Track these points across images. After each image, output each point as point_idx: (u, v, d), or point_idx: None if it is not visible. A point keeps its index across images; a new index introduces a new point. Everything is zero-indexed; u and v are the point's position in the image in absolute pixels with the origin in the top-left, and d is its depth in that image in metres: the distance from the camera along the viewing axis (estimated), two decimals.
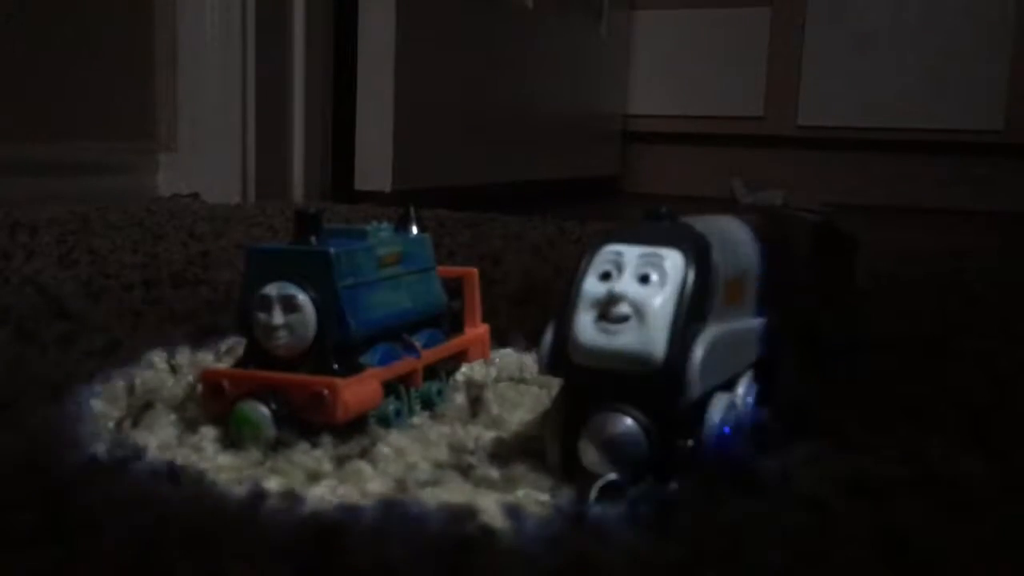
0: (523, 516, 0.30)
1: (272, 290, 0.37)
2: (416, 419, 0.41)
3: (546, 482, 0.33)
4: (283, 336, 0.37)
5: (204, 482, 0.32)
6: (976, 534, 0.29)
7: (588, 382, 0.33)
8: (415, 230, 0.44)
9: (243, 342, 0.38)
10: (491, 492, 0.32)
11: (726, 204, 2.23)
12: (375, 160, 1.60)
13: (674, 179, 2.61)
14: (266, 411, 0.36)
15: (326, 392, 0.35)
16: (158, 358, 0.47)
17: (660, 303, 0.32)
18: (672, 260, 0.33)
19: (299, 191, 1.58)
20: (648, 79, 2.60)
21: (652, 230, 0.34)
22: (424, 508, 0.30)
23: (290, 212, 1.25)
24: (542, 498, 0.32)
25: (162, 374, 0.45)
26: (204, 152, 1.47)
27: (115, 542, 0.27)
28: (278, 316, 0.36)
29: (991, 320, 0.69)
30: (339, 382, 0.36)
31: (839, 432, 0.39)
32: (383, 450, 0.36)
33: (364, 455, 0.35)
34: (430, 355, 0.42)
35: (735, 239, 0.38)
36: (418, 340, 0.41)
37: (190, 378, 0.44)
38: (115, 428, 0.38)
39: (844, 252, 0.55)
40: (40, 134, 1.30)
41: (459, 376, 0.46)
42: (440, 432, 0.39)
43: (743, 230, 0.39)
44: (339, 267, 0.37)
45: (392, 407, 0.39)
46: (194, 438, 0.36)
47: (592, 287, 0.33)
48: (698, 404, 0.32)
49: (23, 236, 0.93)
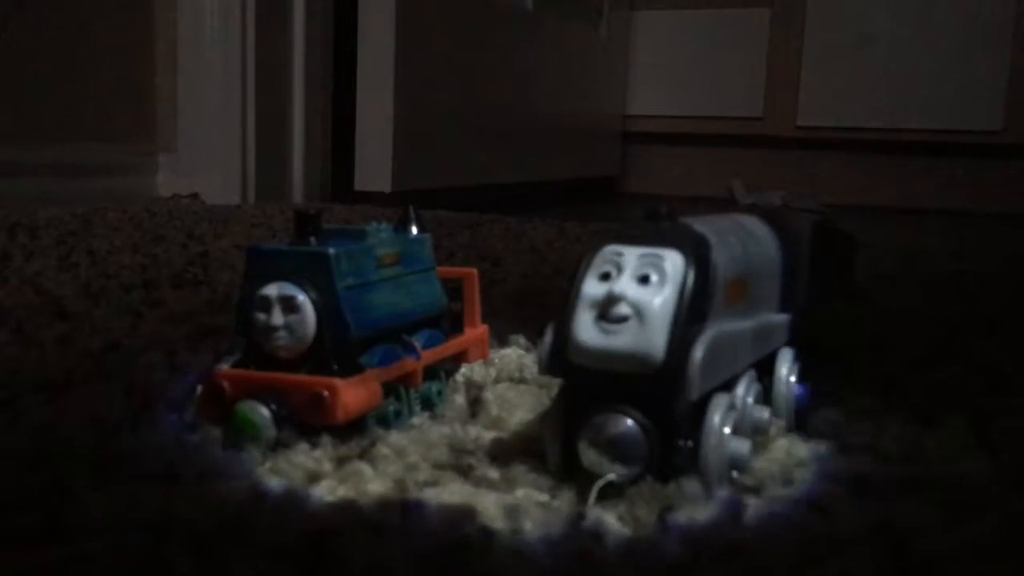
0: (523, 517, 0.30)
1: (272, 291, 0.37)
2: (416, 420, 0.41)
3: (546, 483, 0.33)
4: (283, 337, 0.37)
5: (204, 482, 0.32)
6: (976, 534, 0.29)
7: (588, 383, 0.33)
8: (415, 231, 0.44)
9: (242, 343, 0.38)
10: (491, 493, 0.32)
11: (725, 204, 2.23)
12: (375, 161, 1.60)
13: (673, 180, 2.61)
14: (266, 412, 0.35)
15: (326, 393, 0.35)
16: (158, 359, 0.47)
17: (660, 304, 0.32)
18: (672, 260, 0.33)
19: (299, 192, 1.58)
20: (648, 80, 2.60)
21: (652, 230, 0.34)
22: (424, 509, 0.30)
23: (290, 213, 1.25)
24: (542, 499, 0.32)
25: (162, 375, 0.45)
26: (204, 153, 1.48)
27: (115, 542, 0.27)
28: (278, 317, 0.36)
29: (991, 320, 0.69)
30: (339, 383, 0.36)
31: (839, 432, 0.39)
32: (383, 451, 0.36)
33: (364, 456, 0.35)
34: (430, 356, 0.42)
35: (739, 239, 0.38)
36: (418, 341, 0.41)
37: (190, 379, 0.44)
38: (115, 429, 0.38)
39: (843, 252, 0.55)
40: (40, 135, 1.30)
41: (459, 377, 0.46)
42: (440, 433, 0.39)
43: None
44: (339, 268, 0.37)
45: (392, 408, 0.39)
46: (193, 439, 0.36)
47: (592, 287, 0.33)
48: (698, 405, 0.32)
49: (23, 237, 0.93)
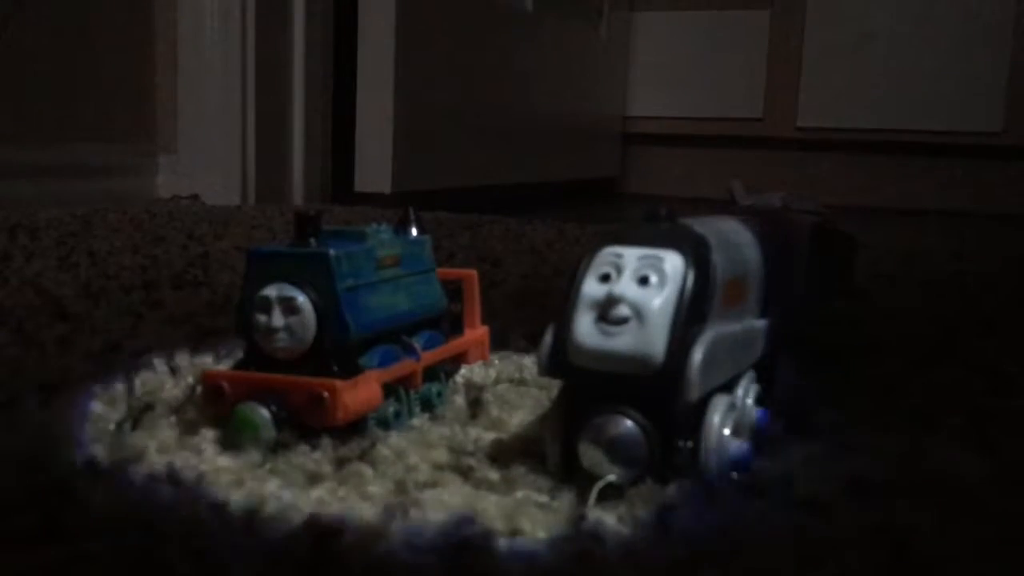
0: (523, 518, 0.30)
1: (272, 292, 0.37)
2: (416, 421, 0.41)
3: (546, 484, 0.33)
4: (283, 338, 0.37)
5: (203, 483, 0.32)
6: (976, 535, 0.29)
7: (588, 384, 0.33)
8: (415, 232, 0.44)
9: (243, 344, 0.38)
10: (491, 494, 0.32)
11: (725, 205, 2.23)
12: (375, 162, 1.60)
13: (673, 181, 2.61)
14: (266, 413, 0.35)
15: (326, 394, 0.35)
16: (158, 360, 0.47)
17: (659, 305, 0.32)
18: (671, 262, 0.33)
19: (299, 193, 1.58)
20: (648, 81, 2.60)
21: (651, 232, 0.34)
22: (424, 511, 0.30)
23: (290, 214, 1.25)
24: (542, 500, 0.32)
25: (162, 376, 0.45)
26: (204, 154, 1.48)
27: (114, 544, 0.27)
28: (278, 318, 0.36)
29: (990, 322, 0.69)
30: (339, 384, 0.36)
31: (838, 433, 0.39)
32: (383, 452, 0.36)
33: (364, 457, 0.35)
34: (430, 357, 0.42)
35: (737, 240, 0.38)
36: (417, 342, 0.41)
37: (190, 380, 0.44)
38: (114, 430, 0.38)
39: (843, 253, 0.55)
40: (40, 136, 1.30)
41: (459, 378, 0.46)
42: (440, 434, 0.39)
43: (744, 232, 0.39)
44: (339, 269, 0.37)
45: (392, 409, 0.39)
46: (193, 440, 0.36)
47: (591, 289, 0.33)
48: (698, 406, 0.32)
49: (23, 238, 0.93)
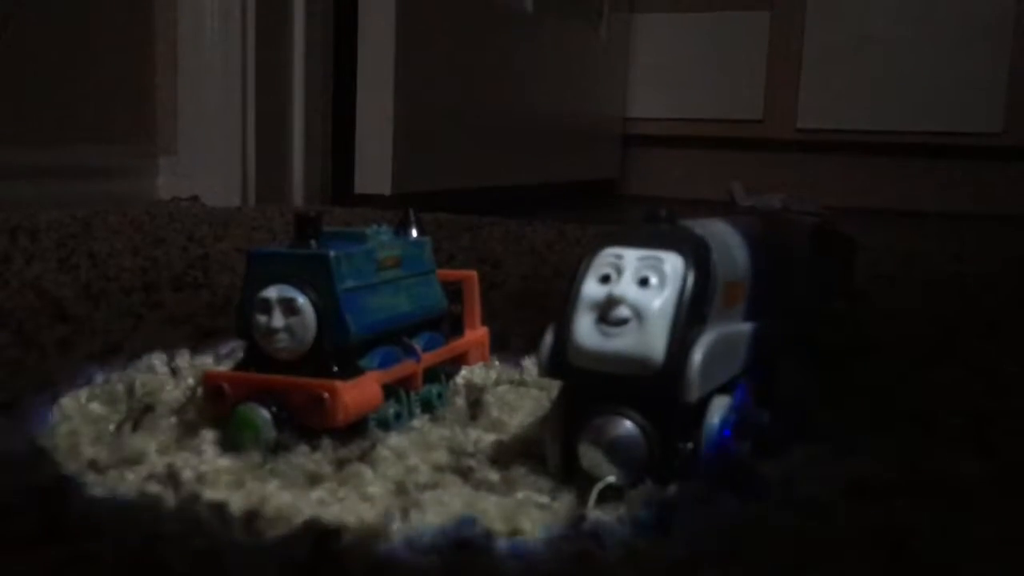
0: (523, 519, 0.30)
1: (272, 293, 0.37)
2: (416, 422, 0.41)
3: (546, 485, 0.33)
4: (283, 339, 0.37)
5: (204, 484, 0.32)
6: (975, 536, 0.29)
7: (588, 385, 0.33)
8: (415, 233, 0.44)
9: (243, 345, 0.38)
10: (491, 495, 0.32)
11: (725, 207, 2.23)
12: (375, 163, 1.61)
13: (673, 182, 2.61)
14: (266, 414, 0.36)
15: (326, 395, 0.35)
16: (158, 361, 0.47)
17: (659, 306, 0.32)
18: (671, 263, 0.33)
19: (299, 194, 1.58)
20: (648, 82, 2.60)
21: (651, 233, 0.34)
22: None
23: (290, 215, 1.25)
24: (542, 501, 0.32)
25: (162, 377, 0.45)
26: (204, 155, 1.48)
27: (114, 545, 0.27)
28: (278, 319, 0.37)
29: (990, 323, 0.69)
30: (339, 385, 0.36)
31: (838, 435, 0.39)
32: (383, 453, 0.36)
33: (364, 458, 0.35)
34: (430, 358, 0.42)
35: (739, 241, 0.38)
36: (418, 343, 0.41)
37: (190, 381, 0.44)
38: (115, 431, 0.38)
39: (843, 255, 0.55)
40: (40, 138, 1.30)
41: (459, 379, 0.46)
42: (440, 435, 0.39)
43: (734, 234, 0.39)
44: (339, 270, 0.37)
45: (392, 410, 0.39)
46: (194, 441, 0.36)
47: (592, 290, 0.33)
48: (697, 407, 0.32)
49: (23, 240, 0.93)
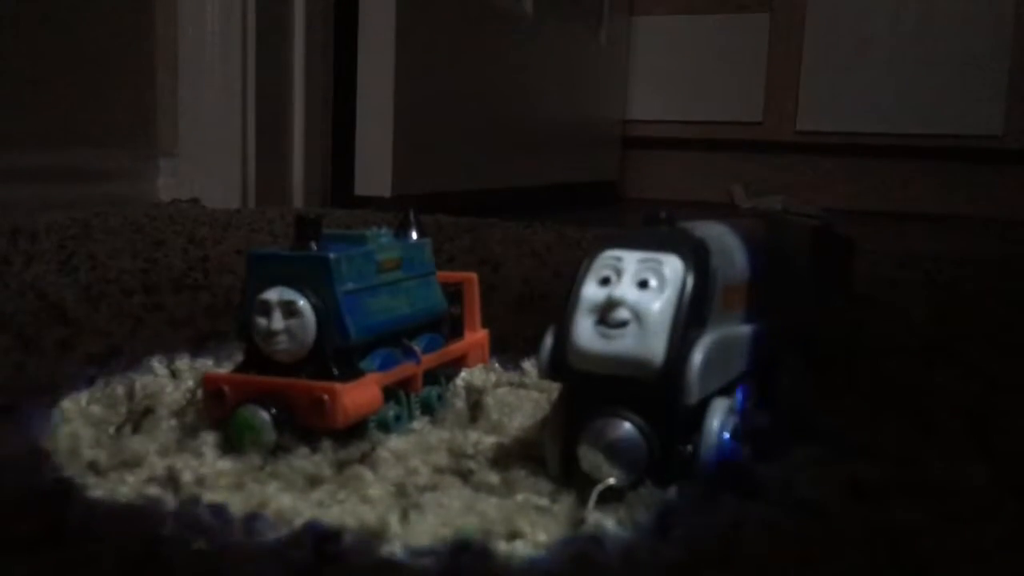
0: (522, 521, 0.30)
1: (272, 295, 0.37)
2: (416, 424, 0.41)
3: (546, 487, 0.33)
4: (283, 341, 0.37)
5: (204, 487, 0.32)
6: (974, 539, 0.29)
7: (587, 387, 0.33)
8: (415, 235, 0.44)
9: (243, 347, 0.38)
10: (491, 497, 0.32)
11: (726, 209, 2.23)
12: (375, 165, 1.61)
13: (673, 184, 2.62)
14: (266, 416, 0.36)
15: (326, 397, 0.35)
16: (158, 363, 0.47)
17: (659, 308, 0.32)
18: (671, 265, 0.33)
19: (299, 196, 1.58)
20: (647, 85, 2.60)
21: (651, 235, 0.34)
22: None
23: (290, 217, 1.25)
24: (541, 503, 0.32)
25: (162, 379, 0.45)
26: (204, 157, 1.48)
27: (115, 548, 0.27)
28: (278, 321, 0.37)
29: (990, 326, 0.69)
30: (339, 387, 0.36)
31: (838, 437, 0.39)
32: (383, 455, 0.36)
33: (364, 460, 0.35)
34: (430, 360, 0.42)
35: (739, 244, 0.38)
36: (418, 345, 0.41)
37: (190, 383, 0.44)
38: (115, 433, 0.38)
39: (843, 257, 0.55)
40: (40, 140, 1.30)
41: (459, 381, 0.46)
42: (440, 437, 0.39)
43: (747, 235, 0.39)
44: (339, 272, 0.37)
45: (392, 412, 0.39)
46: (194, 443, 0.36)
47: (591, 292, 0.33)
48: (697, 409, 0.32)
49: (23, 242, 0.93)
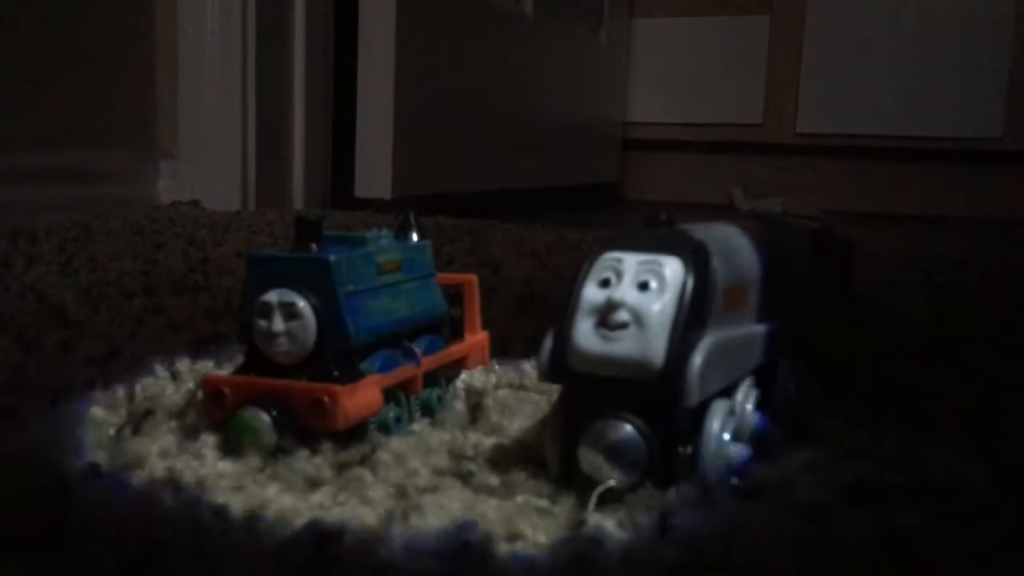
0: (523, 523, 0.30)
1: (272, 297, 0.37)
2: (416, 426, 0.41)
3: (546, 489, 0.33)
4: (283, 343, 0.37)
5: (204, 489, 0.32)
6: (975, 541, 0.29)
7: (587, 389, 0.33)
8: (415, 237, 0.44)
9: (243, 349, 0.38)
10: (491, 499, 0.32)
11: (725, 211, 2.23)
12: (375, 167, 1.61)
13: (673, 186, 2.62)
14: (266, 418, 0.36)
15: (326, 399, 0.35)
16: (158, 365, 0.47)
17: (659, 310, 0.32)
18: (671, 267, 0.33)
19: (299, 198, 1.58)
20: (647, 86, 2.61)
21: (651, 237, 0.34)
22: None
23: (290, 219, 1.25)
24: (542, 504, 0.32)
25: (162, 381, 0.45)
26: (204, 159, 1.48)
27: (115, 549, 0.27)
28: (278, 323, 0.37)
29: (990, 327, 0.69)
30: (339, 389, 0.36)
31: (837, 439, 0.39)
32: (383, 457, 0.36)
33: (364, 462, 0.35)
34: (430, 362, 0.42)
35: (738, 245, 0.38)
36: (418, 347, 0.41)
37: (190, 385, 0.44)
38: (115, 435, 0.38)
39: (843, 259, 0.55)
40: (40, 142, 1.30)
41: (459, 383, 0.46)
42: (440, 439, 0.39)
43: (743, 237, 0.39)
44: (339, 274, 0.37)
45: (392, 414, 0.39)
46: (194, 445, 0.36)
47: (591, 294, 0.33)
48: (697, 411, 0.32)
49: (23, 244, 0.93)
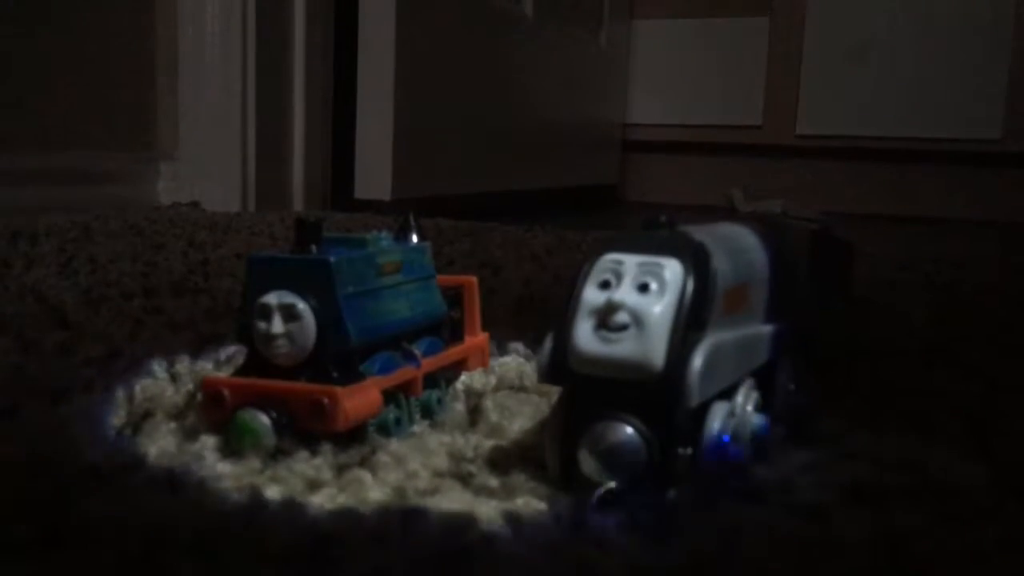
0: (523, 524, 0.30)
1: (272, 299, 0.37)
2: (416, 427, 0.41)
3: (545, 490, 0.33)
4: (283, 345, 0.37)
5: (204, 490, 0.32)
6: (974, 542, 0.29)
7: (587, 390, 0.33)
8: (415, 239, 0.44)
9: (243, 351, 0.38)
10: (490, 500, 0.32)
11: (725, 213, 2.23)
12: (375, 169, 1.61)
13: (673, 188, 2.62)
14: (266, 419, 0.36)
15: (326, 401, 0.35)
16: (158, 367, 0.47)
17: (659, 312, 0.32)
18: (671, 269, 0.33)
19: (299, 200, 1.58)
20: (647, 88, 2.61)
21: (651, 239, 0.34)
22: (424, 517, 0.30)
23: (290, 221, 1.25)
24: (541, 506, 0.32)
25: (162, 383, 0.45)
26: (204, 161, 1.48)
27: (115, 550, 0.27)
28: (278, 325, 0.37)
29: (989, 328, 0.69)
30: (339, 391, 0.36)
31: (837, 440, 0.39)
32: (383, 458, 0.36)
33: (364, 463, 0.35)
34: (430, 363, 0.42)
35: (742, 246, 0.38)
36: (418, 348, 0.41)
37: (190, 387, 0.44)
38: (115, 436, 0.38)
39: (842, 260, 0.55)
40: (40, 143, 1.30)
41: (459, 385, 0.46)
42: (440, 440, 0.39)
43: (750, 237, 0.39)
44: (339, 276, 0.37)
45: (392, 415, 0.39)
46: (194, 446, 0.36)
47: (591, 296, 0.33)
48: (697, 412, 0.32)
49: (23, 245, 0.93)
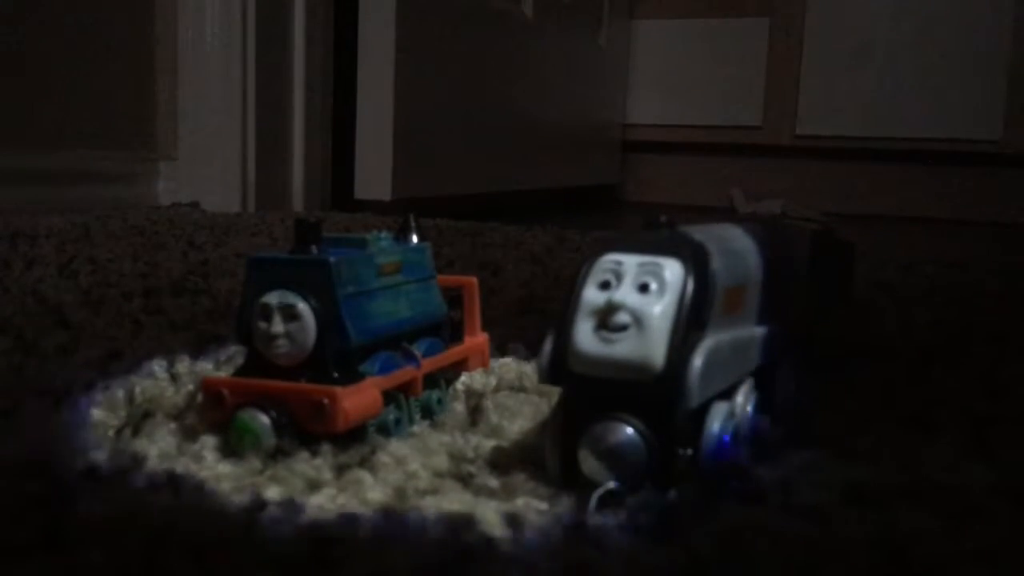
0: (523, 525, 0.30)
1: (272, 299, 0.37)
2: (416, 428, 0.41)
3: (545, 491, 0.33)
4: (283, 345, 0.37)
5: (204, 491, 0.32)
6: (976, 543, 0.29)
7: (587, 391, 0.33)
8: (415, 239, 0.44)
9: (243, 351, 0.38)
10: (491, 501, 0.32)
11: (725, 213, 2.23)
12: (375, 169, 1.61)
13: (673, 188, 2.62)
14: (266, 420, 0.36)
15: (326, 401, 0.35)
16: (158, 367, 0.47)
17: (659, 312, 0.32)
18: (671, 269, 0.33)
19: (299, 200, 1.58)
20: (647, 88, 2.61)
21: (651, 239, 0.34)
22: (424, 517, 0.30)
23: (290, 221, 1.25)
24: (541, 507, 0.32)
25: (162, 383, 0.45)
26: (204, 161, 1.48)
27: (115, 551, 0.27)
28: (278, 325, 0.37)
29: (990, 329, 0.69)
30: (339, 391, 0.36)
31: (838, 440, 0.39)
32: (383, 459, 0.36)
33: (364, 464, 0.35)
34: (430, 364, 0.42)
35: (738, 248, 0.38)
36: (418, 349, 0.41)
37: (190, 387, 0.44)
38: (115, 437, 0.38)
39: (842, 261, 0.55)
40: (39, 143, 1.30)
41: (459, 385, 0.46)
42: (440, 441, 0.39)
43: (747, 238, 0.39)
44: (339, 276, 0.37)
45: (392, 416, 0.39)
46: (194, 447, 0.36)
47: (591, 296, 0.33)
48: (697, 413, 0.32)
49: (23, 245, 0.93)
